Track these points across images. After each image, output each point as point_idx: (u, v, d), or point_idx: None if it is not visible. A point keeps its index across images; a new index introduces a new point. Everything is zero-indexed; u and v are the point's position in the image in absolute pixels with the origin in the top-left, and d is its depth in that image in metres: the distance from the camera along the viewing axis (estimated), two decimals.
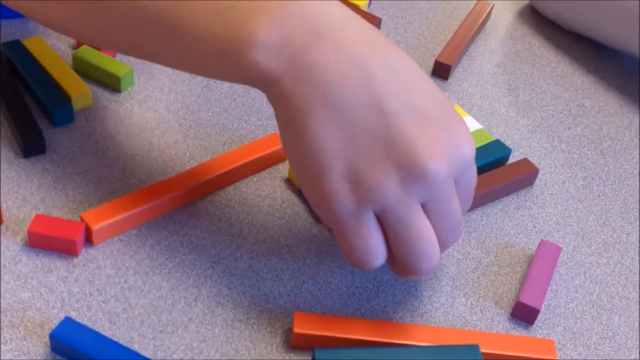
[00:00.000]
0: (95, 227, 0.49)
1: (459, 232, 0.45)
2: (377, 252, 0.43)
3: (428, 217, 0.44)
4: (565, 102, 0.68)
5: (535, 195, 0.59)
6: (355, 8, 0.71)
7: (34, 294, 0.47)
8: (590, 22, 0.70)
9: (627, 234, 0.57)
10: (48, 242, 0.48)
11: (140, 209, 0.51)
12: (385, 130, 0.42)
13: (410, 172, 0.41)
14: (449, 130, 0.43)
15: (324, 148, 0.42)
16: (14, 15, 0.66)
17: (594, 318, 0.51)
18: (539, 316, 0.51)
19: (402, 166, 0.42)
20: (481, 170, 0.59)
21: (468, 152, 0.44)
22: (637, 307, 0.52)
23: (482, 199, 0.57)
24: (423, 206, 0.43)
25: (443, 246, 0.45)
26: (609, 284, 0.53)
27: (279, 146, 0.56)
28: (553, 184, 0.60)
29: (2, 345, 0.44)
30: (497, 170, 0.58)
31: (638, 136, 0.66)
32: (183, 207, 0.53)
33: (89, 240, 0.50)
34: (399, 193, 0.42)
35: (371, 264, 0.44)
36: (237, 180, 0.56)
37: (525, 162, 0.59)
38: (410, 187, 0.42)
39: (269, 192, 0.55)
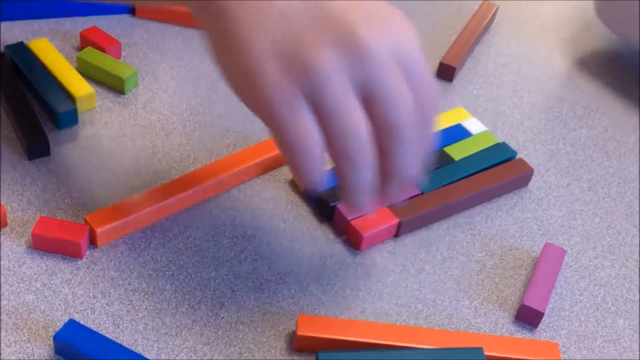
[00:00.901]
0: (99, 230, 0.49)
1: (413, 124, 0.41)
2: (313, 139, 0.40)
3: (373, 104, 0.41)
4: (571, 104, 0.68)
5: (540, 197, 0.59)
6: None
7: (38, 296, 0.47)
8: None
9: (632, 236, 0.57)
10: (52, 244, 0.49)
11: (144, 211, 0.51)
12: (321, 10, 0.40)
13: (346, 46, 0.39)
14: (388, 19, 0.41)
15: (249, 26, 0.39)
16: (18, 16, 0.66)
17: (599, 321, 0.51)
18: (543, 319, 0.50)
19: (337, 41, 0.39)
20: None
21: (409, 39, 0.41)
22: None
23: (475, 198, 0.57)
24: (366, 93, 0.40)
25: (404, 142, 0.41)
26: (614, 287, 0.53)
27: None
28: (558, 186, 0.60)
29: (6, 348, 0.44)
30: (492, 170, 0.58)
31: (638, 137, 0.66)
32: (187, 209, 0.53)
33: (93, 242, 0.50)
34: (335, 72, 0.39)
35: (308, 153, 0.40)
36: (241, 183, 0.56)
37: (519, 162, 0.58)
38: (346, 66, 0.39)
39: (273, 194, 0.55)
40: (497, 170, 0.58)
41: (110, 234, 0.50)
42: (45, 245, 0.49)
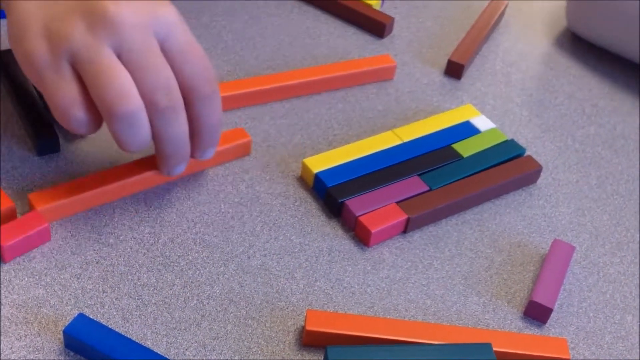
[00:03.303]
0: (40, 208, 0.50)
1: (168, 89, 0.47)
2: (74, 100, 0.46)
3: (128, 69, 0.46)
4: (579, 102, 0.68)
5: (549, 194, 0.59)
6: (368, 7, 0.71)
7: (48, 290, 0.47)
8: (632, 45, 0.69)
9: None
10: (24, 244, 0.48)
11: (92, 192, 0.52)
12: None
13: (93, 16, 0.46)
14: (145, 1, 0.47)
15: (25, 13, 0.47)
16: None
17: (607, 317, 0.51)
18: (551, 315, 0.50)
19: (86, 14, 0.46)
20: None
21: (162, 11, 0.47)
22: None
23: (484, 195, 0.57)
24: (120, 58, 0.46)
25: (154, 103, 0.47)
26: (623, 284, 0.53)
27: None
28: (567, 182, 0.60)
29: (16, 341, 0.44)
30: (500, 167, 0.57)
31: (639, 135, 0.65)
32: (196, 205, 0.53)
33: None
34: (87, 38, 0.46)
35: (72, 114, 0.46)
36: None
37: (528, 159, 0.58)
38: (96, 32, 0.46)
39: (281, 190, 0.55)
40: (505, 167, 0.58)
41: (56, 212, 0.51)
42: (18, 249, 0.48)
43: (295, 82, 0.62)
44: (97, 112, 0.47)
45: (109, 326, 0.46)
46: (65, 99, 0.46)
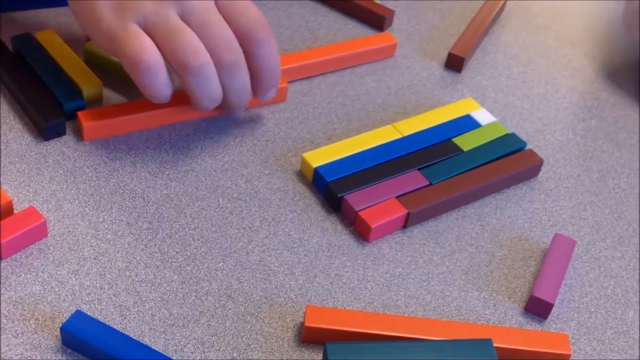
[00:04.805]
0: (87, 124, 0.55)
1: (229, 45, 0.52)
2: (148, 48, 0.51)
3: (191, 28, 0.52)
4: (580, 95, 0.68)
5: (550, 188, 0.58)
6: (369, 1, 0.71)
7: (45, 287, 0.47)
8: None
9: None
10: (21, 240, 0.48)
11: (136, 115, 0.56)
12: None
13: None
14: None
15: None
16: (25, 7, 0.66)
17: (609, 312, 0.51)
18: (552, 310, 0.50)
19: None
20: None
21: None
22: None
23: (485, 189, 0.57)
24: (184, 20, 0.52)
25: (218, 60, 0.52)
26: (624, 278, 0.53)
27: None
28: (568, 177, 0.60)
29: (13, 339, 0.44)
30: (501, 161, 0.57)
31: (638, 129, 0.65)
32: (194, 200, 0.53)
33: (81, 135, 0.55)
34: (155, 5, 0.52)
35: (143, 59, 0.51)
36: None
37: (529, 153, 0.58)
38: (162, 1, 0.52)
39: (280, 185, 0.55)
40: (506, 161, 0.57)
41: (97, 130, 0.56)
42: (14, 247, 0.48)
43: (297, 64, 0.63)
44: (164, 64, 0.52)
45: (107, 323, 0.45)
46: (135, 45, 0.51)
